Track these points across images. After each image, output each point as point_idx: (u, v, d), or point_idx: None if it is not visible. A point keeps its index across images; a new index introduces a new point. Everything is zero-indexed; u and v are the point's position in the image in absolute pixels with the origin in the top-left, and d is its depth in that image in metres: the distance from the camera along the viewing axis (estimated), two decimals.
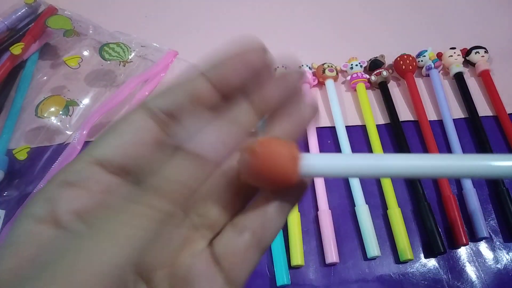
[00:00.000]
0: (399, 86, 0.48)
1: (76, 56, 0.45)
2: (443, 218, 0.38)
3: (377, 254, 0.35)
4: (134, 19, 0.54)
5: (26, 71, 0.46)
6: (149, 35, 0.50)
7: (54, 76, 0.46)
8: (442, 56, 0.48)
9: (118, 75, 0.45)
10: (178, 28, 0.53)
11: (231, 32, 0.53)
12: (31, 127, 0.42)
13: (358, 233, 0.37)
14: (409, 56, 0.47)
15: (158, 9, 0.55)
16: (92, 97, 0.43)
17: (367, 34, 0.53)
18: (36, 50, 0.48)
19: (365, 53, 0.48)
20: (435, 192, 0.40)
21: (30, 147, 0.39)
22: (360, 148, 0.42)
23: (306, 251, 0.36)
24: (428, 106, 0.45)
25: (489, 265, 0.36)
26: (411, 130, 0.44)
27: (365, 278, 0.36)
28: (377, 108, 0.46)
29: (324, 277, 0.36)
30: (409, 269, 0.36)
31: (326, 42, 0.52)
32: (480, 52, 0.48)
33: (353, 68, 0.47)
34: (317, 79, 0.47)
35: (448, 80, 0.48)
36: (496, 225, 0.38)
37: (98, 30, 0.49)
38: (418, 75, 0.48)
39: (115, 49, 0.45)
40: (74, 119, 0.41)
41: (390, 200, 0.38)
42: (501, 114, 0.44)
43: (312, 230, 0.38)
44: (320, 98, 0.47)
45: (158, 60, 0.47)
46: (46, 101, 0.41)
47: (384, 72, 0.45)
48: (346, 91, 0.47)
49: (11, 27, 0.49)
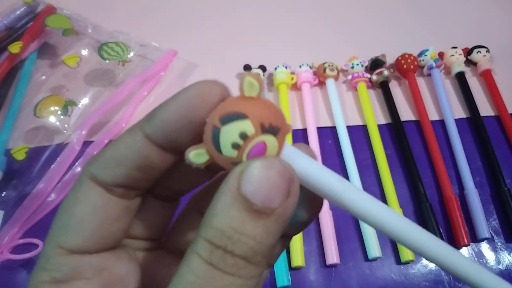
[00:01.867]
0: (400, 85, 0.47)
1: (75, 56, 0.45)
2: (444, 218, 0.38)
3: (378, 255, 0.35)
4: (133, 18, 0.54)
5: (25, 70, 0.46)
6: (148, 34, 0.49)
7: (53, 75, 0.46)
8: (444, 56, 0.48)
9: (117, 74, 0.45)
10: (178, 27, 0.53)
11: (231, 32, 0.53)
12: (29, 127, 0.41)
13: (359, 234, 0.37)
14: (410, 55, 0.47)
15: (157, 8, 0.55)
16: (91, 96, 0.43)
17: (368, 33, 0.52)
18: (35, 49, 0.48)
19: (366, 52, 0.48)
20: (437, 192, 0.40)
21: (28, 147, 0.39)
22: (361, 148, 0.42)
23: (307, 252, 0.36)
24: (430, 105, 0.45)
25: (491, 266, 0.36)
26: (412, 130, 0.43)
27: (366, 279, 0.35)
28: (378, 108, 0.45)
29: (324, 278, 0.35)
30: (410, 270, 0.36)
31: (327, 41, 0.52)
32: (482, 52, 0.47)
33: (354, 68, 0.46)
34: (317, 78, 0.46)
35: (449, 79, 0.48)
36: (498, 226, 0.38)
37: (97, 29, 0.49)
38: (419, 74, 0.48)
39: (114, 49, 0.45)
40: (73, 119, 0.41)
41: (391, 201, 0.38)
42: (503, 114, 0.44)
43: (313, 231, 0.37)
44: (320, 97, 0.46)
45: (158, 59, 0.46)
46: (45, 101, 0.41)
47: (385, 71, 0.45)
48: (347, 91, 0.47)
49: (10, 26, 0.49)
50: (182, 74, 0.48)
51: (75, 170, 0.40)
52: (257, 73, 0.15)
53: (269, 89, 0.47)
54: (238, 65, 0.47)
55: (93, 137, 0.42)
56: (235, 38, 0.52)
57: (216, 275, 0.12)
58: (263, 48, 0.51)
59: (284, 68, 0.46)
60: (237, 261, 0.12)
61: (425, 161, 0.41)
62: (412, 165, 0.40)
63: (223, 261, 0.12)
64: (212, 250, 0.12)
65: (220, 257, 0.12)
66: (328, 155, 0.41)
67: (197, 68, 0.49)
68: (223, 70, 0.48)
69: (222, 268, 0.12)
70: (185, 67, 0.49)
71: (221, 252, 0.12)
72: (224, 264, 0.12)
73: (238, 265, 0.12)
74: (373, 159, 0.41)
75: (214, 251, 0.12)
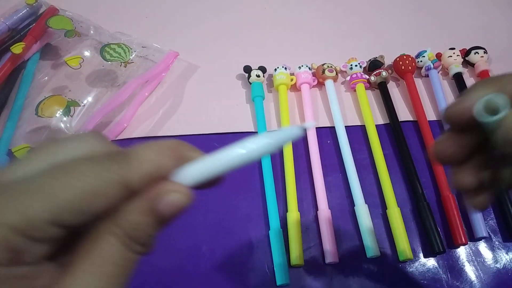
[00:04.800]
0: (398, 86, 0.48)
1: (77, 57, 0.45)
2: (442, 217, 0.38)
3: (376, 253, 0.36)
4: (135, 19, 0.54)
5: (27, 71, 0.47)
6: (150, 35, 0.50)
7: (55, 76, 0.46)
8: (442, 57, 0.48)
9: (119, 75, 0.46)
10: (179, 28, 0.54)
11: (232, 34, 0.53)
12: (32, 127, 0.42)
13: (357, 232, 0.37)
14: (408, 56, 0.47)
15: (159, 9, 0.56)
16: (93, 97, 0.44)
17: (366, 35, 0.53)
18: (37, 50, 0.48)
19: (364, 53, 0.48)
20: (434, 191, 0.40)
21: (30, 146, 0.39)
22: (359, 148, 0.42)
23: (306, 251, 0.37)
24: (427, 106, 0.46)
25: (488, 265, 0.36)
26: (410, 130, 0.44)
27: (365, 277, 0.36)
28: (376, 108, 0.46)
29: (323, 276, 0.36)
30: (409, 268, 0.36)
31: (326, 43, 0.52)
32: (480, 53, 0.48)
33: (352, 69, 0.47)
34: (316, 79, 0.47)
35: (447, 80, 0.48)
36: (495, 225, 0.38)
37: (99, 31, 0.49)
38: (417, 75, 0.48)
39: (116, 50, 0.46)
40: (76, 120, 0.41)
41: (389, 200, 0.38)
42: None
43: (312, 229, 0.38)
44: (320, 98, 0.47)
45: (159, 60, 0.47)
46: (47, 101, 0.41)
47: (384, 72, 0.45)
48: (346, 92, 0.47)
49: (13, 27, 0.49)
50: (184, 75, 0.49)
51: None
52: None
53: (269, 90, 0.47)
54: (238, 66, 0.48)
55: None
56: (236, 40, 0.52)
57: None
58: (263, 50, 0.51)
59: (284, 69, 0.46)
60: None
61: (423, 160, 0.42)
62: (410, 164, 0.40)
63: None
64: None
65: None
66: (327, 155, 0.42)
67: (198, 69, 0.49)
68: (224, 71, 0.49)
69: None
70: (186, 68, 0.49)
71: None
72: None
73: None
74: (371, 159, 0.42)
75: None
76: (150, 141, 0.15)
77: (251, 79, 0.46)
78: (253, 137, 0.17)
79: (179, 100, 0.47)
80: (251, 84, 0.46)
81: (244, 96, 0.47)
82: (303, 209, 0.39)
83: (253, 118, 0.45)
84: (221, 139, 0.43)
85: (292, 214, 0.37)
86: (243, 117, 0.45)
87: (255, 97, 0.45)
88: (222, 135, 0.43)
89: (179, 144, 0.16)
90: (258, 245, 0.37)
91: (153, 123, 0.45)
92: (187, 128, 0.44)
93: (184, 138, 0.43)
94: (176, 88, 0.48)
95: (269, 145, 0.16)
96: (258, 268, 0.36)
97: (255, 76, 0.46)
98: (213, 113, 0.45)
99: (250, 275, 0.36)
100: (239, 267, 0.36)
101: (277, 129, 0.17)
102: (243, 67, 0.47)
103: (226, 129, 0.44)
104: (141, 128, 0.44)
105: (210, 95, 0.47)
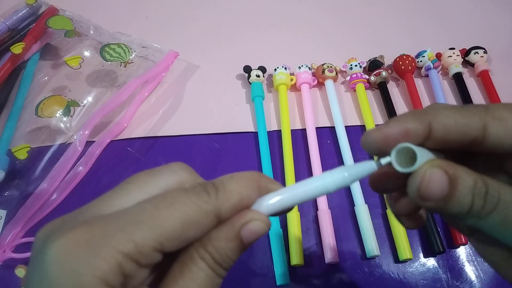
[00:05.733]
0: (398, 86, 0.48)
1: (77, 57, 0.45)
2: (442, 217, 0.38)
3: (376, 253, 0.36)
4: (135, 20, 0.54)
5: (27, 71, 0.47)
6: (150, 35, 0.50)
7: (55, 76, 0.46)
8: (441, 57, 0.48)
9: (119, 75, 0.46)
10: (179, 28, 0.54)
11: (232, 34, 0.53)
12: (32, 127, 0.42)
13: (357, 232, 0.38)
14: (408, 56, 0.47)
15: (159, 9, 0.56)
16: (93, 97, 0.44)
17: (366, 35, 0.53)
18: (37, 50, 0.48)
19: (364, 53, 0.48)
20: None
21: (30, 146, 0.39)
22: (359, 148, 0.42)
23: (306, 251, 0.37)
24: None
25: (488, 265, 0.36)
26: None
27: (365, 277, 0.36)
28: (376, 108, 0.46)
29: (323, 276, 0.36)
30: (409, 268, 0.36)
31: (326, 43, 0.52)
32: (479, 53, 0.48)
33: (352, 69, 0.47)
34: (316, 79, 0.47)
35: (447, 80, 0.48)
36: None
37: (99, 31, 0.49)
38: (417, 75, 0.48)
39: (116, 50, 0.46)
40: (76, 120, 0.41)
41: None
42: None
43: (312, 229, 0.38)
44: (319, 98, 0.47)
45: (159, 60, 0.47)
46: (47, 101, 0.41)
47: (384, 72, 0.45)
48: (346, 91, 0.47)
49: (12, 27, 0.49)
50: (183, 75, 0.49)
51: (77, 170, 0.40)
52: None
53: (269, 90, 0.47)
54: (238, 66, 0.48)
55: (95, 137, 0.43)
56: (236, 40, 0.52)
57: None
58: (263, 50, 0.51)
59: (284, 69, 0.46)
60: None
61: None
62: None
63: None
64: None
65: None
66: (327, 155, 0.42)
67: (198, 69, 0.49)
68: (224, 71, 0.49)
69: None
70: (186, 68, 0.49)
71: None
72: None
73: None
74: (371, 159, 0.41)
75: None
76: (233, 173, 0.17)
77: (251, 79, 0.46)
78: (329, 171, 0.18)
79: (179, 100, 0.47)
80: (251, 84, 0.46)
81: (244, 96, 0.47)
82: (303, 209, 0.39)
83: (253, 118, 0.45)
84: (221, 139, 0.43)
85: (292, 214, 0.37)
86: (243, 117, 0.45)
87: (255, 97, 0.45)
88: (222, 135, 0.43)
89: (260, 176, 0.18)
90: (258, 245, 0.37)
91: (153, 123, 0.45)
92: (187, 128, 0.44)
93: (184, 138, 0.43)
94: (176, 88, 0.48)
95: (345, 178, 0.18)
96: (258, 268, 0.36)
97: (255, 76, 0.46)
98: (213, 113, 0.45)
99: (250, 275, 0.36)
100: (239, 267, 0.36)
101: (353, 164, 0.18)
102: (243, 67, 0.47)
103: (226, 129, 0.44)
104: (141, 128, 0.44)
105: (210, 95, 0.47)
